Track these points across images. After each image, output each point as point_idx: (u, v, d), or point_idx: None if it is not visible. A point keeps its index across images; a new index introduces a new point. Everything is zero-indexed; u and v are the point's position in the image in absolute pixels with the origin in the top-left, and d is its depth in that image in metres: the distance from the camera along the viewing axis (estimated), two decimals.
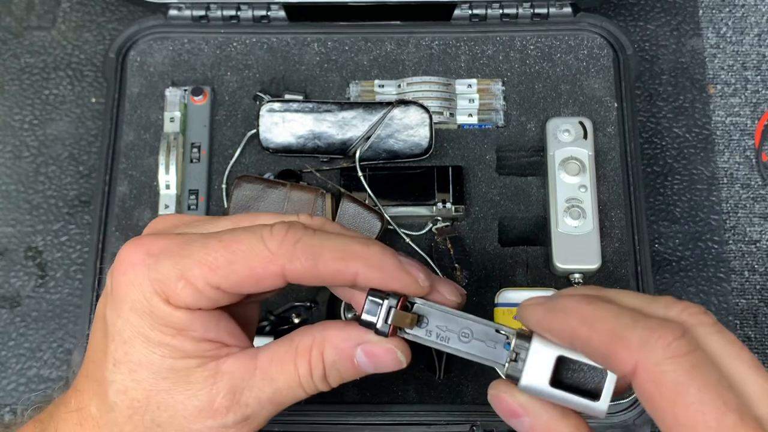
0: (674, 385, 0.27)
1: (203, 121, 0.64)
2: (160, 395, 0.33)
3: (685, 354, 0.28)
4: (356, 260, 0.33)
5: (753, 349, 0.62)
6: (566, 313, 0.31)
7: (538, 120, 0.64)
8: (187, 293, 0.33)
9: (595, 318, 0.30)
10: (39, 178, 0.66)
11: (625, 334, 0.29)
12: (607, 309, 0.30)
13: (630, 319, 0.29)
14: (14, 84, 0.69)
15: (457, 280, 0.59)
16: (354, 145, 0.61)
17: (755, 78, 0.69)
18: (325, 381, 0.35)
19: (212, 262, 0.33)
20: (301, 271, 0.33)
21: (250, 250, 0.33)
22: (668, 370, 0.27)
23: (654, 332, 0.28)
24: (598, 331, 0.30)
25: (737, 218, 0.65)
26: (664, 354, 0.28)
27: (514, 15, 0.66)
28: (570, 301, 0.32)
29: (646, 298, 0.32)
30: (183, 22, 0.66)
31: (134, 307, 0.33)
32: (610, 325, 0.29)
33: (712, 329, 0.30)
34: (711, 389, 0.27)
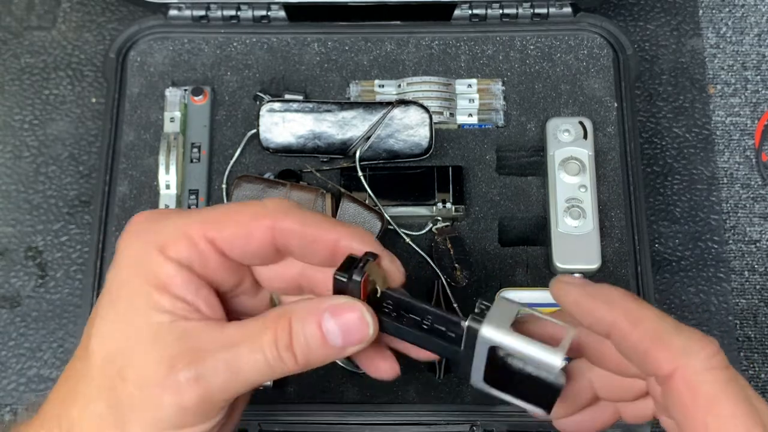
0: (711, 395, 0.29)
1: (203, 121, 0.64)
2: (129, 347, 0.34)
3: (723, 368, 0.29)
4: (341, 229, 0.36)
5: (753, 349, 0.62)
6: (611, 304, 0.32)
7: (538, 120, 0.64)
8: (182, 245, 0.35)
9: (641, 316, 0.31)
10: (39, 178, 0.66)
11: (669, 338, 0.30)
12: (651, 310, 0.32)
13: (673, 325, 0.31)
14: (14, 84, 0.69)
15: (457, 280, 0.59)
16: (354, 145, 0.61)
17: (755, 78, 0.69)
18: (290, 352, 0.34)
19: (209, 218, 0.36)
20: (290, 229, 0.35)
21: (245, 207, 0.36)
22: (707, 380, 0.29)
23: (696, 342, 0.30)
24: (641, 329, 0.31)
25: (737, 218, 0.65)
26: (704, 364, 0.29)
27: (514, 15, 0.66)
28: (615, 293, 0.33)
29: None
30: (183, 22, 0.66)
31: (129, 260, 0.35)
32: (654, 326, 0.31)
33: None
34: (743, 405, 0.29)
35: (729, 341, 0.61)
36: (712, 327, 0.62)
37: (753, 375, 0.61)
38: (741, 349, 0.62)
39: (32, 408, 0.61)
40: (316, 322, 0.34)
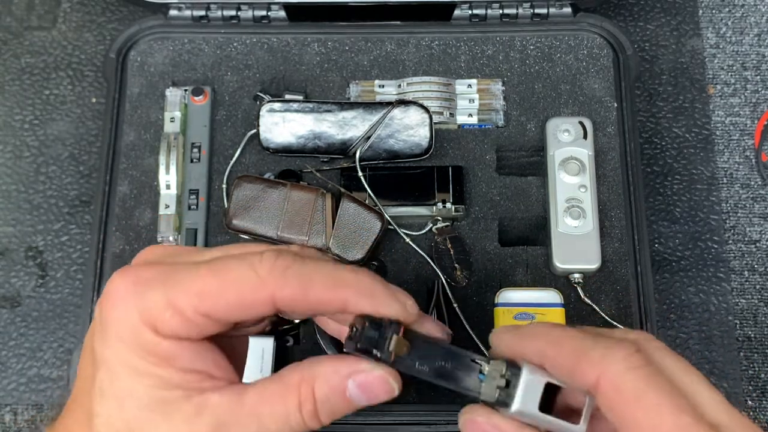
0: (633, 391, 0.31)
1: (203, 121, 0.64)
2: (142, 426, 0.33)
3: (642, 366, 0.31)
4: (346, 287, 0.33)
5: (753, 348, 0.62)
6: (535, 337, 0.35)
7: (538, 120, 0.64)
8: (175, 322, 0.32)
9: (561, 339, 0.34)
10: (39, 178, 0.66)
11: (588, 351, 0.32)
12: (571, 331, 0.34)
13: (591, 339, 0.33)
14: (15, 84, 0.69)
15: (457, 280, 0.59)
16: (354, 145, 0.61)
17: (755, 78, 0.69)
18: (315, 418, 0.34)
19: (201, 289, 0.32)
20: (291, 298, 0.33)
21: (239, 276, 0.32)
22: (628, 379, 0.31)
23: (612, 348, 0.32)
24: (564, 350, 0.33)
25: (737, 218, 0.65)
26: (623, 365, 0.31)
27: (514, 15, 0.66)
28: (538, 327, 0.36)
29: (604, 329, 0.36)
30: (183, 23, 0.66)
31: (122, 337, 0.33)
32: (574, 344, 0.33)
33: (665, 351, 0.33)
34: (666, 394, 0.30)
35: (729, 341, 0.62)
36: (712, 327, 0.62)
37: (753, 375, 0.61)
38: (741, 349, 0.62)
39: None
40: (340, 391, 0.34)
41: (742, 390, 0.61)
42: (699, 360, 0.61)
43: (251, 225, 0.59)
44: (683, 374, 0.32)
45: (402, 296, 0.36)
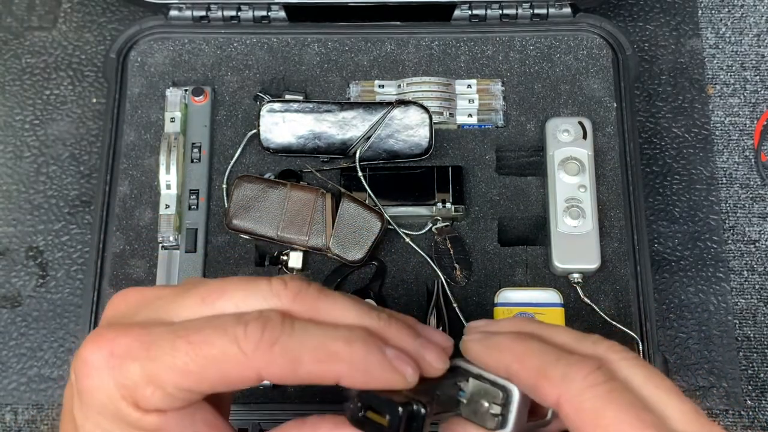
0: (593, 410, 0.30)
1: (204, 121, 0.64)
2: None
3: (602, 383, 0.31)
4: (339, 362, 0.31)
5: (752, 348, 0.62)
6: (500, 351, 0.35)
7: (537, 120, 0.64)
8: (156, 397, 0.30)
9: (524, 355, 0.34)
10: (40, 178, 0.66)
11: (549, 370, 0.32)
12: (535, 347, 0.34)
13: (554, 356, 0.33)
14: (15, 84, 0.69)
15: (457, 280, 0.59)
16: (354, 145, 0.62)
17: (754, 78, 0.69)
18: None
19: (182, 367, 0.30)
20: (279, 376, 0.31)
21: (222, 354, 0.30)
22: (587, 398, 0.31)
23: (573, 367, 0.32)
24: (527, 367, 0.33)
25: (736, 218, 0.65)
26: (582, 385, 0.31)
27: (513, 15, 0.66)
28: (504, 339, 0.35)
29: (575, 335, 0.35)
30: (183, 23, 0.66)
31: (102, 412, 0.31)
32: (536, 362, 0.33)
33: (634, 362, 0.33)
34: (626, 410, 0.30)
35: (728, 341, 0.62)
36: (711, 326, 0.62)
37: (752, 374, 0.62)
38: (740, 349, 0.62)
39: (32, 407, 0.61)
40: None
41: (741, 390, 0.61)
42: (698, 360, 0.61)
43: (251, 225, 0.59)
44: (651, 387, 0.32)
45: (401, 363, 0.32)
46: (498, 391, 0.35)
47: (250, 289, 0.32)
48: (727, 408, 0.60)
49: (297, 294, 0.32)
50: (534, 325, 0.37)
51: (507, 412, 0.34)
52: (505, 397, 0.35)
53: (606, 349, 0.34)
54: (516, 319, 0.39)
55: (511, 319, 0.39)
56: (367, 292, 0.59)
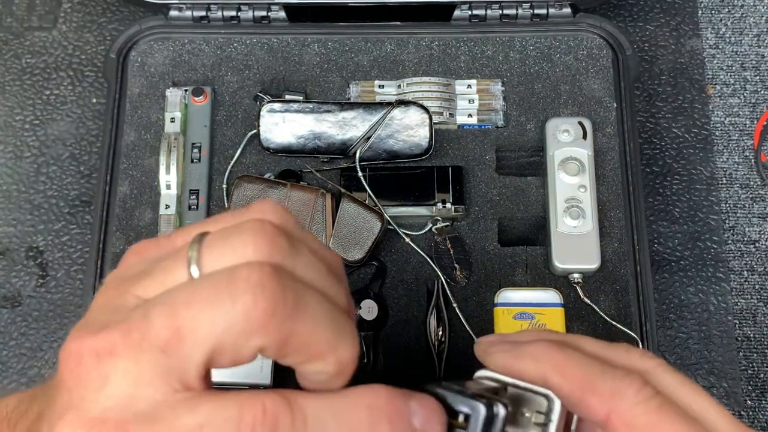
0: (647, 424, 0.31)
1: (204, 121, 0.64)
2: None
3: (652, 397, 0.31)
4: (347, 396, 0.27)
5: (752, 348, 0.62)
6: (538, 361, 0.33)
7: (537, 120, 0.64)
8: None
9: (567, 367, 0.33)
10: (40, 178, 0.66)
11: (596, 384, 0.32)
12: (576, 357, 0.33)
13: (599, 368, 0.32)
14: (15, 84, 0.69)
15: (457, 280, 0.59)
16: (354, 145, 0.62)
17: (754, 78, 0.69)
18: None
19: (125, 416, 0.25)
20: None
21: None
22: (640, 413, 0.31)
23: (623, 382, 0.31)
24: (570, 379, 0.32)
25: (736, 218, 0.65)
26: (634, 400, 0.31)
27: (513, 15, 0.66)
28: (539, 348, 0.34)
29: (603, 344, 0.35)
30: (183, 23, 0.66)
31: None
32: (580, 374, 0.32)
33: (666, 369, 0.34)
34: (680, 421, 0.31)
35: (728, 341, 0.62)
36: (711, 327, 0.62)
37: (752, 374, 0.62)
38: (740, 349, 0.62)
39: None
40: None
41: (741, 390, 0.61)
42: (698, 360, 0.61)
43: None
44: (690, 396, 0.33)
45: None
46: (542, 399, 0.34)
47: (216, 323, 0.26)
48: (727, 408, 0.60)
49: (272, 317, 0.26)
50: (557, 334, 0.36)
51: (548, 421, 0.34)
52: (548, 406, 0.34)
53: (640, 357, 0.34)
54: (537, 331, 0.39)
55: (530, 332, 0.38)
56: (367, 292, 0.59)
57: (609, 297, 0.59)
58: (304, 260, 0.28)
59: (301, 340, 0.26)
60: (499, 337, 0.37)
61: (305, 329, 0.26)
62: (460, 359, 0.58)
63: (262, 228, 0.27)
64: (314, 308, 0.27)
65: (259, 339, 0.26)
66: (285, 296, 0.26)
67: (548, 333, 0.37)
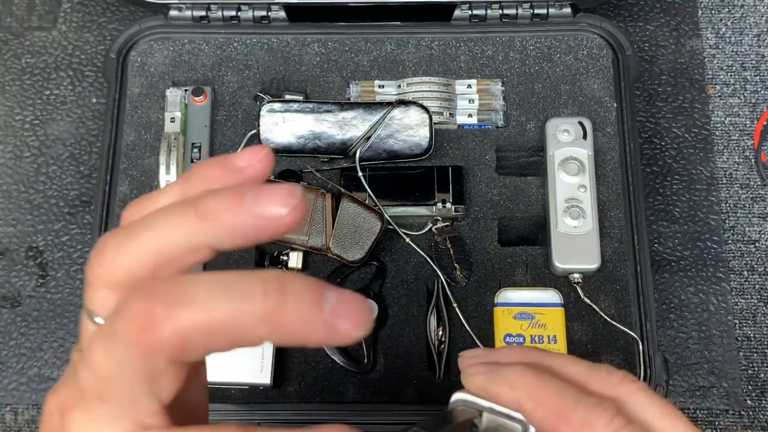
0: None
1: (204, 121, 0.64)
2: None
3: (622, 428, 0.31)
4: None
5: (752, 348, 0.62)
6: (513, 387, 0.34)
7: (537, 120, 0.64)
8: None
9: (540, 393, 0.33)
10: (40, 178, 0.66)
11: (569, 413, 0.32)
12: (551, 385, 0.33)
13: (573, 397, 0.33)
14: (15, 84, 0.69)
15: (457, 280, 0.59)
16: (354, 145, 0.62)
17: (754, 78, 0.69)
18: None
19: None
20: None
21: None
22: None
23: (593, 412, 0.32)
24: (544, 407, 0.33)
25: (736, 218, 0.65)
26: (604, 431, 0.31)
27: (513, 15, 0.66)
28: (513, 373, 0.34)
29: (586, 366, 0.35)
30: (183, 23, 0.66)
31: None
32: (554, 402, 0.33)
33: (647, 394, 0.34)
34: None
35: (728, 341, 0.62)
36: (711, 326, 0.62)
37: (752, 374, 0.61)
38: (740, 349, 0.62)
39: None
40: None
41: (741, 389, 0.61)
42: (698, 360, 0.61)
43: None
44: (664, 421, 0.33)
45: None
46: (517, 425, 0.34)
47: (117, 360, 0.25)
48: (727, 408, 0.60)
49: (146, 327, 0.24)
50: (539, 354, 0.36)
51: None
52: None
53: (620, 380, 0.34)
54: (519, 349, 0.38)
55: (513, 349, 0.38)
56: (367, 292, 0.59)
57: (609, 297, 0.59)
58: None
59: (198, 330, 0.24)
60: (482, 355, 0.37)
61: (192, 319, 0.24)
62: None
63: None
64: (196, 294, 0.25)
65: (158, 354, 0.25)
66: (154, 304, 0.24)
67: (529, 352, 0.37)
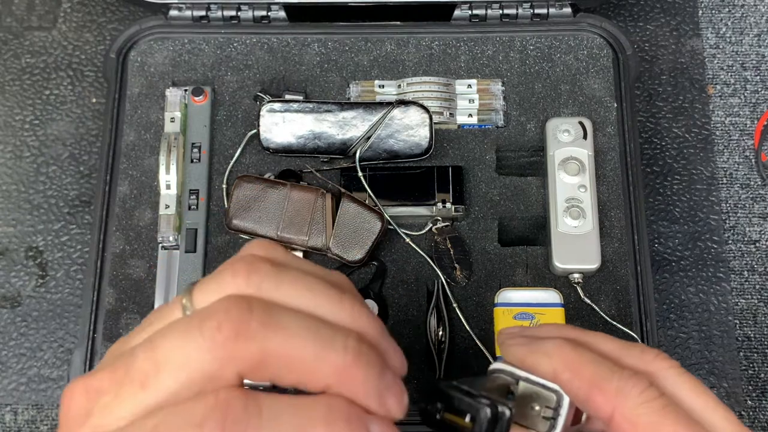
0: (649, 424, 0.32)
1: (204, 121, 0.64)
2: None
3: (656, 398, 0.33)
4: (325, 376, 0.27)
5: (753, 348, 0.62)
6: (550, 357, 0.35)
7: (537, 120, 0.64)
8: None
9: (577, 363, 0.34)
10: (40, 178, 0.66)
11: (604, 383, 0.33)
12: (587, 356, 0.35)
13: (608, 368, 0.34)
14: (15, 84, 0.69)
15: (457, 280, 0.59)
16: (354, 145, 0.62)
17: (754, 78, 0.69)
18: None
19: None
20: None
21: None
22: (643, 413, 0.32)
23: (628, 382, 0.33)
24: (579, 377, 0.34)
25: (737, 218, 0.65)
26: (637, 400, 0.33)
27: (513, 15, 0.66)
28: (552, 345, 0.35)
29: (620, 344, 0.36)
30: (183, 23, 0.66)
31: None
32: (590, 372, 0.34)
33: (679, 371, 0.35)
34: (681, 422, 0.32)
35: (728, 341, 0.62)
36: (711, 327, 0.62)
37: (753, 374, 0.61)
38: (741, 349, 0.62)
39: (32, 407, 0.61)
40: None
41: (742, 390, 0.61)
42: (699, 360, 0.61)
43: (251, 225, 0.59)
44: (695, 396, 0.34)
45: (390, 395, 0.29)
46: (551, 395, 0.35)
47: (188, 351, 0.26)
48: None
49: (237, 336, 0.26)
50: (576, 331, 0.38)
51: (557, 416, 0.35)
52: (557, 401, 0.35)
53: (653, 358, 0.35)
54: (556, 326, 0.40)
55: (551, 326, 0.40)
56: (367, 292, 0.59)
57: (609, 297, 0.59)
58: (290, 280, 0.28)
59: (280, 357, 0.26)
60: (519, 330, 0.39)
61: (280, 346, 0.26)
62: (460, 359, 0.58)
63: (243, 259, 0.29)
64: (289, 324, 0.27)
65: (233, 363, 0.26)
66: (250, 317, 0.26)
67: (567, 329, 0.38)
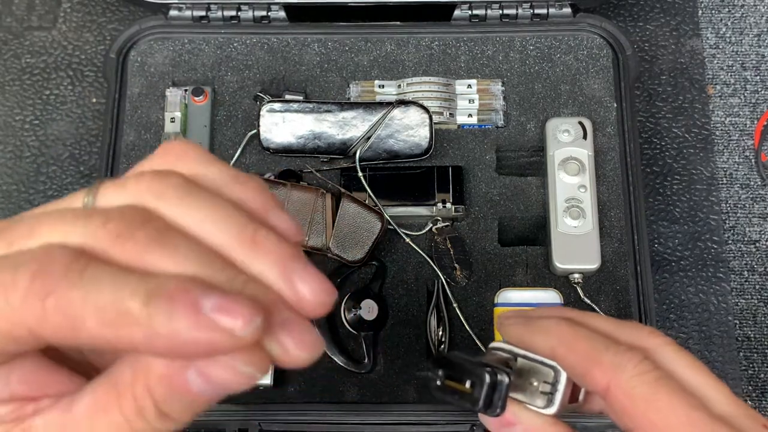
0: (644, 395, 0.33)
1: (204, 121, 0.64)
2: None
3: (650, 371, 0.33)
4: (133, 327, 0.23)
5: (752, 348, 0.62)
6: (547, 334, 0.36)
7: (537, 120, 0.64)
8: None
9: (573, 340, 0.35)
10: (40, 178, 0.66)
11: (599, 357, 0.34)
12: (583, 332, 0.35)
13: (603, 343, 0.34)
14: (15, 84, 0.69)
15: (457, 280, 0.59)
16: (354, 145, 0.62)
17: (754, 78, 0.69)
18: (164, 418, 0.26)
19: None
20: (57, 338, 0.24)
21: None
22: (637, 385, 0.33)
23: (623, 356, 0.34)
24: (575, 352, 0.35)
25: (736, 218, 0.65)
26: (632, 373, 0.33)
27: (513, 15, 0.66)
28: (550, 323, 0.36)
29: (614, 322, 0.37)
30: (183, 23, 0.66)
31: None
32: (585, 348, 0.34)
33: (673, 347, 0.36)
34: (677, 394, 0.32)
35: (728, 341, 0.62)
36: (711, 327, 0.62)
37: (752, 375, 0.61)
38: (740, 349, 0.62)
39: None
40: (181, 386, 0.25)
41: (742, 390, 0.61)
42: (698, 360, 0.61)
43: None
44: (690, 371, 0.34)
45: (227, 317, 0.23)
46: (549, 370, 0.36)
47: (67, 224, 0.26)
48: None
49: (117, 237, 0.25)
50: (574, 312, 0.38)
51: (555, 391, 0.35)
52: (555, 377, 0.36)
53: (647, 334, 0.36)
54: (552, 308, 0.41)
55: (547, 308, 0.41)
56: (367, 292, 0.59)
57: (609, 297, 0.59)
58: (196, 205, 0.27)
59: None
60: (517, 311, 0.40)
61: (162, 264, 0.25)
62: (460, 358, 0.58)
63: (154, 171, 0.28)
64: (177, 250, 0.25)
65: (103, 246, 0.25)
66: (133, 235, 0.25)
67: (563, 310, 0.39)
